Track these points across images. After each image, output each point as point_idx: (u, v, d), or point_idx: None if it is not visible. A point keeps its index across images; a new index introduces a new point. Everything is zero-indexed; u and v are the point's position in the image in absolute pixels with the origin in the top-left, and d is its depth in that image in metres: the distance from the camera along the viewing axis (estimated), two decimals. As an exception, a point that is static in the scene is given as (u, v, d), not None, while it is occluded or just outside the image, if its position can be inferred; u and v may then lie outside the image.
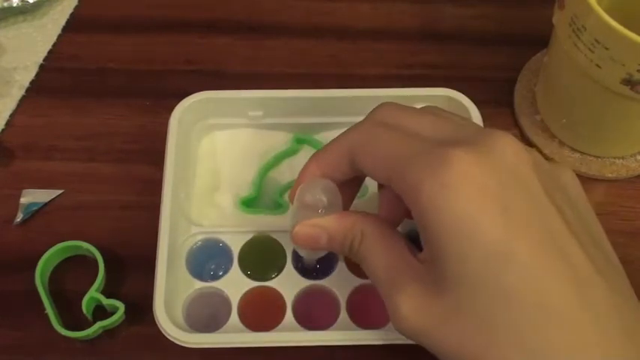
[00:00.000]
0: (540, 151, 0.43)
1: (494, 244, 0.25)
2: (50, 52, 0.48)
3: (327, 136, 0.41)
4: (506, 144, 0.27)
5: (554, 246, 0.25)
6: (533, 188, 0.26)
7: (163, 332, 0.34)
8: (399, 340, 0.34)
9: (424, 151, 0.27)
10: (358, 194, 0.35)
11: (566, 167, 0.30)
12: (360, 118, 0.32)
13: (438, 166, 0.26)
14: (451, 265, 0.26)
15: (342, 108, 0.41)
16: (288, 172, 0.42)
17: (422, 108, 0.31)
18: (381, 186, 0.33)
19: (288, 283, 0.37)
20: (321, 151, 0.32)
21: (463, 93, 0.41)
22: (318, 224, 0.31)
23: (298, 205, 0.32)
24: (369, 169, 0.30)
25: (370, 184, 0.38)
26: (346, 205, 0.33)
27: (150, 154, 0.42)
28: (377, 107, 0.31)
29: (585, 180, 0.42)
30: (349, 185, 0.33)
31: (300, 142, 0.42)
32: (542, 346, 0.24)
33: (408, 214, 0.30)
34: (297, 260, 0.38)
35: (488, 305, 0.25)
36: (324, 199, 0.31)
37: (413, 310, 0.27)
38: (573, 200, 0.28)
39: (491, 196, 0.25)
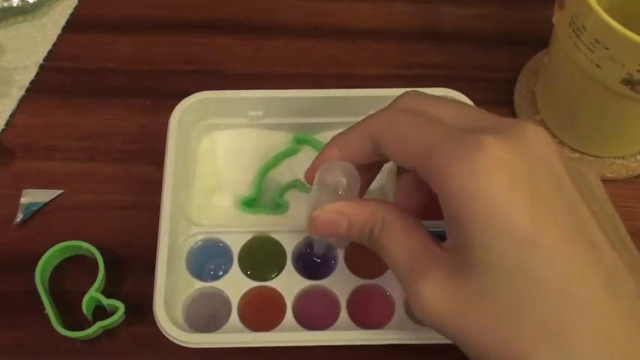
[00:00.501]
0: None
1: (522, 231, 0.25)
2: (50, 52, 0.48)
3: (327, 136, 0.41)
4: (535, 133, 0.27)
5: (582, 236, 0.25)
6: (561, 179, 0.26)
7: (163, 332, 0.34)
8: (399, 340, 0.34)
9: (453, 137, 0.27)
10: None
11: (590, 166, 0.30)
12: (361, 118, 0.32)
13: (469, 151, 0.26)
14: (477, 251, 0.25)
15: (342, 108, 0.41)
16: (288, 172, 0.42)
17: (445, 98, 0.31)
18: (400, 174, 0.32)
19: (288, 283, 0.37)
20: (343, 134, 0.32)
21: (463, 93, 0.41)
22: (339, 210, 0.31)
23: (318, 187, 0.32)
24: (393, 155, 0.29)
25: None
26: (362, 191, 0.33)
27: (150, 154, 0.42)
28: (400, 95, 0.31)
29: (585, 180, 0.42)
30: (367, 170, 0.32)
31: (300, 142, 0.42)
32: (565, 334, 0.24)
33: (424, 204, 0.30)
34: (298, 260, 0.38)
35: (512, 292, 0.25)
36: (344, 181, 0.31)
37: (435, 297, 0.27)
38: (597, 198, 0.28)
39: (520, 184, 0.25)
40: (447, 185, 0.26)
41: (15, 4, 0.48)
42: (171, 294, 0.36)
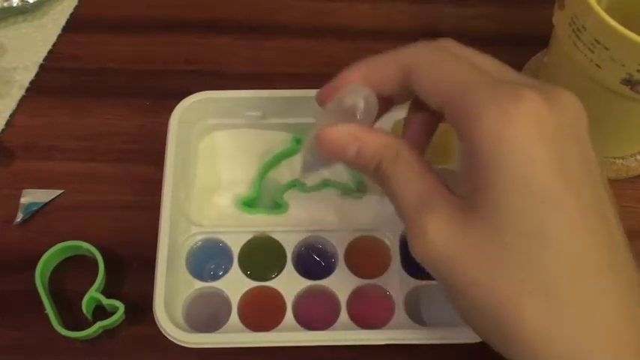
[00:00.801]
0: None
1: (547, 188, 0.25)
2: (50, 52, 0.48)
3: (327, 136, 0.41)
4: (572, 99, 0.27)
5: (598, 210, 0.26)
6: (588, 150, 0.27)
7: (163, 332, 0.34)
8: (399, 340, 0.34)
9: (492, 82, 0.27)
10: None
11: None
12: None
13: (506, 98, 0.25)
14: (495, 193, 0.25)
15: (342, 108, 0.41)
16: (288, 172, 0.42)
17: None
18: (411, 111, 0.32)
19: (288, 283, 0.37)
20: (371, 60, 0.31)
21: (463, 93, 0.41)
22: (352, 133, 0.29)
23: (335, 107, 0.30)
24: (424, 88, 0.29)
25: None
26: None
27: (150, 154, 0.42)
28: (438, 39, 0.30)
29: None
30: (381, 106, 0.31)
31: (299, 142, 0.42)
32: (564, 300, 0.24)
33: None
34: (298, 260, 0.38)
35: (522, 242, 0.25)
36: (363, 106, 0.29)
37: (439, 233, 0.26)
38: (605, 181, 0.28)
39: (553, 142, 0.25)
40: (477, 126, 0.26)
41: (15, 4, 0.48)
42: (171, 294, 0.36)
